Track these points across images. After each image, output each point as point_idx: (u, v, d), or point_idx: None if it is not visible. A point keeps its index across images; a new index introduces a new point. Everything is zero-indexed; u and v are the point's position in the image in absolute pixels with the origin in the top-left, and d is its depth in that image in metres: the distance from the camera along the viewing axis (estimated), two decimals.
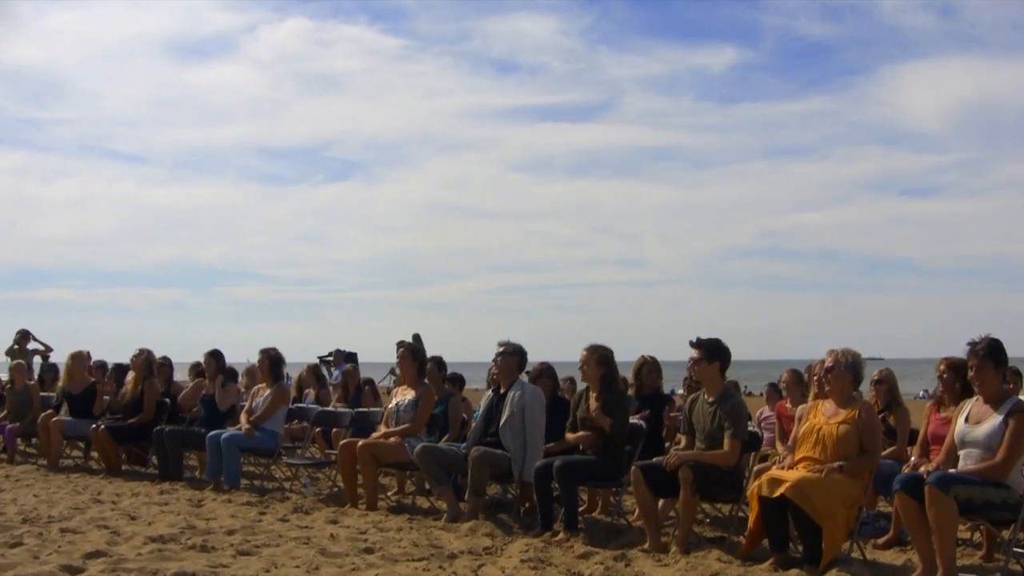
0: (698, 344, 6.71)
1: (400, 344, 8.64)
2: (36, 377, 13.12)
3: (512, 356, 7.81)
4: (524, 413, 7.51)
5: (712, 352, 6.64)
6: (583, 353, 7.27)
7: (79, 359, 11.19)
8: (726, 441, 6.39)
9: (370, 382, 12.23)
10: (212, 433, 9.21)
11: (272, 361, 9.61)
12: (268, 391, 9.42)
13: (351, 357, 14.51)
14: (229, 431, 9.23)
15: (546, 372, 8.40)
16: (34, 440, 11.57)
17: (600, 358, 7.18)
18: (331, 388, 12.55)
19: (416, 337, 13.03)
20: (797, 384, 8.57)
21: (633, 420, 7.48)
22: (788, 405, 8.43)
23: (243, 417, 9.40)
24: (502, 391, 7.73)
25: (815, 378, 6.80)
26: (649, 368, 8.43)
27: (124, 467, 10.35)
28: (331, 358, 14.10)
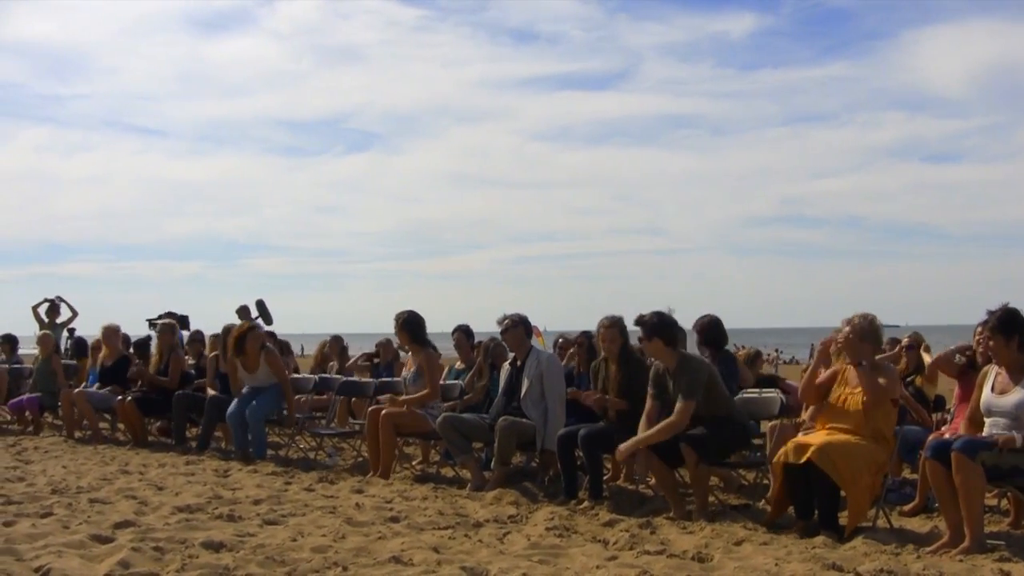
0: (638, 323, 6.75)
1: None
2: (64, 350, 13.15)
3: (517, 327, 7.78)
4: (542, 381, 7.52)
5: (651, 330, 6.62)
6: (602, 329, 7.21)
7: (112, 332, 11.22)
8: (677, 404, 6.36)
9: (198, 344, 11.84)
10: (234, 405, 9.23)
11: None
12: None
13: (183, 321, 13.69)
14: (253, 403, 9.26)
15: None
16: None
17: (621, 330, 7.15)
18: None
19: (260, 303, 12.58)
20: None
21: None
22: None
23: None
24: (519, 363, 7.72)
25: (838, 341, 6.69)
26: None
27: (150, 438, 10.44)
28: (160, 321, 13.06)
